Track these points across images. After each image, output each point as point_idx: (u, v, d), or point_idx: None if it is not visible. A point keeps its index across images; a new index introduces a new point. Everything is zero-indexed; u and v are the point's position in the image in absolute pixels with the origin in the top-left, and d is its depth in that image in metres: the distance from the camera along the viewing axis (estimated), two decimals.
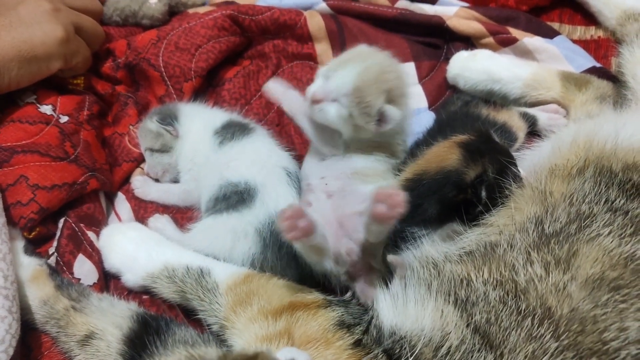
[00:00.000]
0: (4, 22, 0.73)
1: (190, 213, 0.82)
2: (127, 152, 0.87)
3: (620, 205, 0.56)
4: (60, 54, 0.78)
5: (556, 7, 1.06)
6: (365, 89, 0.68)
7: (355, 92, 0.68)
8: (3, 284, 0.57)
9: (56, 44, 0.77)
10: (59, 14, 0.79)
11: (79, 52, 0.84)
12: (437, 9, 1.02)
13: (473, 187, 0.62)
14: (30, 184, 0.70)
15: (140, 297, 0.70)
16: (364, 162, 0.73)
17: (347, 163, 0.73)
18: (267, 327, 0.55)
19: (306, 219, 0.57)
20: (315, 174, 0.74)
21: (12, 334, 0.55)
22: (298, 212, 0.57)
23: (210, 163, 0.79)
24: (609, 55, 0.97)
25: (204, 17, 0.93)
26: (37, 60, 0.75)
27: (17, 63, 0.73)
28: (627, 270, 0.50)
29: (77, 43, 0.83)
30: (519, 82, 0.89)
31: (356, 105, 0.68)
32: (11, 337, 0.55)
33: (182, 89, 0.91)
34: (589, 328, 0.47)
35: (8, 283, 0.57)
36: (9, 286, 0.57)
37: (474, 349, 0.48)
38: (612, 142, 0.63)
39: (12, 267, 0.60)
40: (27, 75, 0.75)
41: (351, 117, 0.69)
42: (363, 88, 0.68)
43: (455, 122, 0.77)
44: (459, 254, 0.58)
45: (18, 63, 0.73)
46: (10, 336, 0.55)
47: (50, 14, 0.78)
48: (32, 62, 0.75)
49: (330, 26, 0.98)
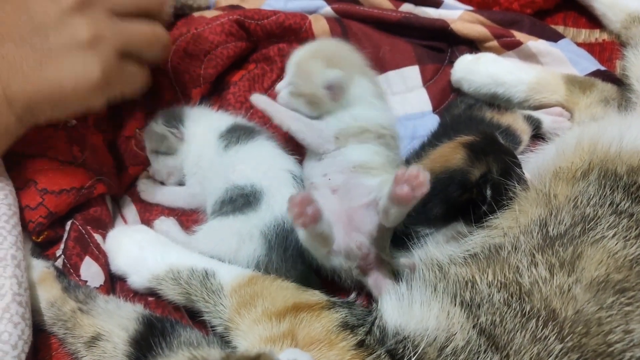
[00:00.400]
0: (33, 57, 0.60)
1: (195, 215, 0.82)
2: (134, 156, 0.87)
3: (625, 207, 0.56)
4: (98, 95, 0.66)
5: (560, 10, 1.06)
6: (303, 61, 0.78)
7: (295, 66, 0.78)
8: (17, 291, 0.58)
9: (91, 87, 0.63)
10: (99, 46, 0.63)
11: (128, 81, 0.71)
12: (441, 13, 1.03)
13: (478, 187, 0.63)
14: (38, 188, 0.71)
15: (146, 299, 0.70)
16: (361, 154, 0.74)
17: (345, 157, 0.74)
18: (271, 328, 0.55)
19: (314, 206, 0.58)
20: (317, 173, 0.75)
21: (25, 339, 0.56)
22: (307, 198, 0.58)
23: (215, 166, 0.79)
24: (614, 58, 0.97)
25: (211, 23, 0.94)
26: (71, 102, 0.65)
27: (49, 105, 0.63)
28: (632, 273, 0.50)
29: (122, 75, 0.69)
30: (523, 86, 0.89)
31: (298, 76, 0.76)
32: (24, 343, 0.56)
33: (190, 94, 0.91)
34: (593, 330, 0.47)
35: (22, 290, 0.59)
36: (23, 293, 0.59)
37: (479, 350, 0.48)
38: (616, 144, 0.63)
39: (26, 275, 0.61)
40: (65, 112, 0.67)
41: (300, 92, 0.76)
42: (302, 61, 0.78)
43: (459, 125, 0.77)
44: (464, 257, 0.59)
45: (50, 105, 0.63)
46: (23, 342, 0.56)
47: (86, 47, 0.62)
48: (67, 104, 0.64)
49: (335, 30, 0.98)
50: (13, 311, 0.56)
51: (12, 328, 0.55)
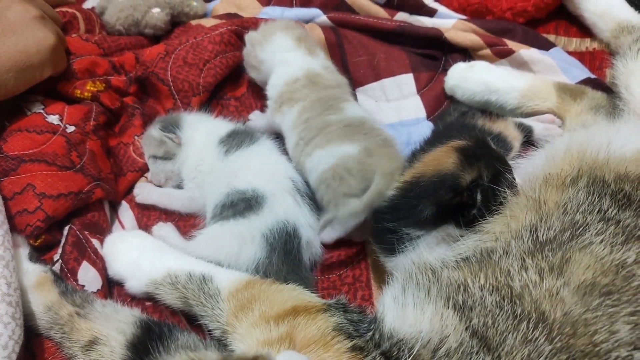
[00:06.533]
0: None
1: (192, 221, 0.83)
2: (132, 162, 0.88)
3: (613, 214, 0.58)
4: (52, 60, 0.79)
5: (552, 20, 1.09)
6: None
7: None
8: (7, 291, 0.58)
9: (49, 51, 0.78)
10: (46, 20, 0.80)
11: (64, 56, 0.84)
12: (435, 22, 1.04)
13: (469, 191, 0.64)
14: (37, 193, 0.72)
15: (143, 304, 0.71)
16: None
17: None
18: (268, 331, 0.56)
19: None
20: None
21: (15, 339, 0.56)
22: None
23: (216, 171, 0.81)
24: (604, 67, 0.99)
25: (210, 32, 0.95)
26: (32, 68, 0.76)
27: (14, 74, 0.73)
28: (618, 277, 0.51)
29: (62, 48, 0.84)
30: (516, 93, 0.91)
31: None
32: (14, 343, 0.56)
33: (190, 102, 0.93)
34: (580, 331, 0.48)
35: (11, 290, 0.59)
36: (12, 293, 0.59)
37: (472, 352, 0.49)
38: (604, 152, 0.64)
39: (16, 274, 0.61)
40: (22, 84, 0.76)
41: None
42: None
43: (452, 132, 0.78)
44: (456, 260, 0.60)
45: (15, 73, 0.74)
46: (14, 342, 0.56)
47: (39, 20, 0.78)
48: (28, 71, 0.75)
49: (330, 39, 1.00)
50: (3, 311, 0.56)
51: (2, 328, 0.55)
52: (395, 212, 0.67)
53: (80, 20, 0.99)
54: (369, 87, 0.99)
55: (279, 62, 0.88)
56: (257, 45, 0.91)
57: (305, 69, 0.86)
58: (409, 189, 0.66)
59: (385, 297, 0.58)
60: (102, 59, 0.92)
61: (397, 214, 0.67)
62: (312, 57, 0.89)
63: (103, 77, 0.90)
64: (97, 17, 1.03)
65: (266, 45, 0.90)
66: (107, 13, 1.02)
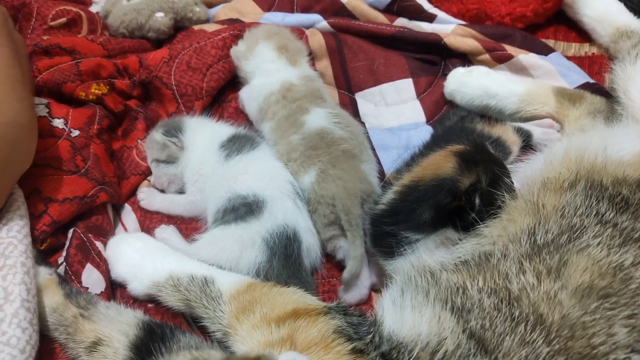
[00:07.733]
0: None
1: (194, 224, 0.84)
2: (135, 166, 0.89)
3: (610, 218, 0.58)
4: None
5: (551, 25, 1.10)
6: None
7: None
8: (26, 297, 0.59)
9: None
10: None
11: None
12: (434, 27, 1.05)
13: (467, 195, 0.64)
14: (42, 197, 0.72)
15: (145, 306, 0.71)
16: None
17: None
18: (269, 333, 0.56)
19: None
20: None
21: (32, 344, 0.58)
22: None
23: (217, 175, 0.81)
24: (603, 72, 1.00)
25: (212, 37, 0.96)
26: None
27: None
28: (615, 279, 0.52)
29: None
30: (515, 98, 0.91)
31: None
32: (31, 348, 0.57)
33: (193, 107, 0.93)
34: (578, 333, 0.48)
35: (30, 296, 0.60)
36: (31, 299, 0.60)
37: (469, 354, 0.49)
38: (602, 156, 0.65)
39: (35, 282, 0.63)
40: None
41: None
42: None
43: (451, 137, 0.79)
44: (455, 263, 0.60)
45: None
46: (31, 347, 0.57)
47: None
48: None
49: (330, 44, 1.01)
50: (21, 316, 0.57)
51: (21, 333, 0.56)
52: (394, 215, 0.68)
53: (84, 20, 0.99)
54: (368, 92, 1.00)
55: (262, 74, 0.90)
56: (242, 59, 0.93)
57: (280, 82, 0.87)
58: (408, 192, 0.67)
59: (384, 300, 0.59)
60: (107, 61, 0.92)
61: (396, 218, 0.68)
62: (292, 67, 0.90)
63: (107, 80, 0.91)
64: (100, 19, 1.04)
65: (250, 58, 0.92)
66: (111, 16, 1.03)
